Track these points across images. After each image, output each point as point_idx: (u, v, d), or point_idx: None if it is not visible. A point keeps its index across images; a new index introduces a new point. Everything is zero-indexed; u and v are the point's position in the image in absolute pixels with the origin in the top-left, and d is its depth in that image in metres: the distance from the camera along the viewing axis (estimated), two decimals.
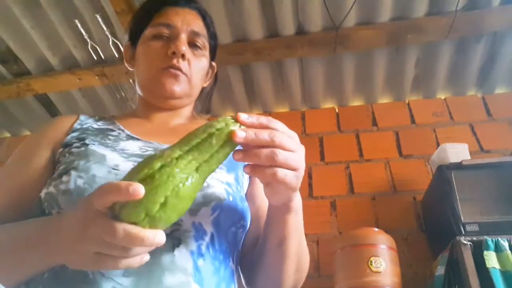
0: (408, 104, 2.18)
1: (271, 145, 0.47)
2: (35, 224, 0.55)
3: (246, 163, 0.49)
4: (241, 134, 0.46)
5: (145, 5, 0.82)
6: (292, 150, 0.49)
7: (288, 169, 0.49)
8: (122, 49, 1.94)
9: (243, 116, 0.48)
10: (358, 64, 2.05)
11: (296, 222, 0.59)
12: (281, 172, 0.48)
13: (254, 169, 0.49)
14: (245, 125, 0.48)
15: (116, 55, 2.00)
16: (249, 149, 0.48)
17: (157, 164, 0.43)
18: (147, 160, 0.44)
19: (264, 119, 0.49)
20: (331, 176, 1.99)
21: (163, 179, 0.42)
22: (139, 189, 0.39)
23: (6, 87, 2.15)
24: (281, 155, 0.47)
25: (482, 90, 2.12)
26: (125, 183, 0.40)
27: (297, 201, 0.57)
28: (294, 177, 0.50)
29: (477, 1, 1.76)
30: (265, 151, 0.47)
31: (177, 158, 0.44)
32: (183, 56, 0.73)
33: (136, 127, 0.74)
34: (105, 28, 1.89)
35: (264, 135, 0.47)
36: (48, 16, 1.88)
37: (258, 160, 0.47)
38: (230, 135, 0.46)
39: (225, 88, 2.17)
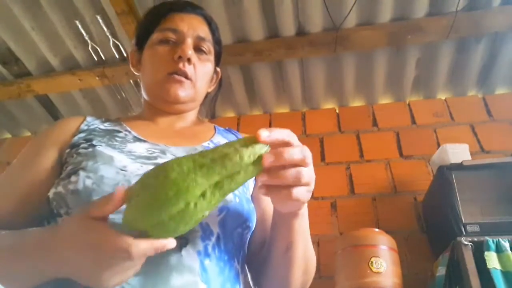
0: (409, 104, 2.18)
1: (301, 164, 0.46)
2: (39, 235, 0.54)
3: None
4: (270, 158, 0.44)
5: (151, 10, 0.83)
6: (310, 164, 0.48)
7: (305, 186, 0.48)
8: (122, 50, 1.97)
9: (264, 134, 0.44)
10: (358, 65, 2.05)
11: (302, 226, 0.59)
12: (296, 192, 0.47)
13: (271, 191, 0.48)
14: (266, 143, 0.45)
15: (117, 56, 2.00)
16: (273, 170, 0.46)
17: (182, 204, 0.42)
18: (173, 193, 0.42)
19: (285, 134, 0.47)
20: (331, 177, 1.99)
21: (195, 217, 0.44)
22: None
23: (7, 88, 2.16)
24: (306, 175, 0.47)
25: (482, 90, 2.12)
26: None
27: (304, 206, 0.56)
28: (306, 193, 0.49)
29: (478, 2, 1.76)
30: (292, 172, 0.46)
31: (202, 195, 0.43)
32: (189, 60, 0.74)
33: (143, 129, 0.74)
34: (105, 29, 1.89)
35: (297, 153, 0.46)
36: (49, 17, 1.88)
37: (284, 182, 0.46)
38: (259, 160, 0.44)
39: (225, 89, 2.17)
